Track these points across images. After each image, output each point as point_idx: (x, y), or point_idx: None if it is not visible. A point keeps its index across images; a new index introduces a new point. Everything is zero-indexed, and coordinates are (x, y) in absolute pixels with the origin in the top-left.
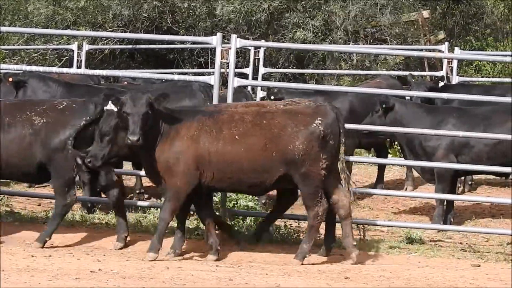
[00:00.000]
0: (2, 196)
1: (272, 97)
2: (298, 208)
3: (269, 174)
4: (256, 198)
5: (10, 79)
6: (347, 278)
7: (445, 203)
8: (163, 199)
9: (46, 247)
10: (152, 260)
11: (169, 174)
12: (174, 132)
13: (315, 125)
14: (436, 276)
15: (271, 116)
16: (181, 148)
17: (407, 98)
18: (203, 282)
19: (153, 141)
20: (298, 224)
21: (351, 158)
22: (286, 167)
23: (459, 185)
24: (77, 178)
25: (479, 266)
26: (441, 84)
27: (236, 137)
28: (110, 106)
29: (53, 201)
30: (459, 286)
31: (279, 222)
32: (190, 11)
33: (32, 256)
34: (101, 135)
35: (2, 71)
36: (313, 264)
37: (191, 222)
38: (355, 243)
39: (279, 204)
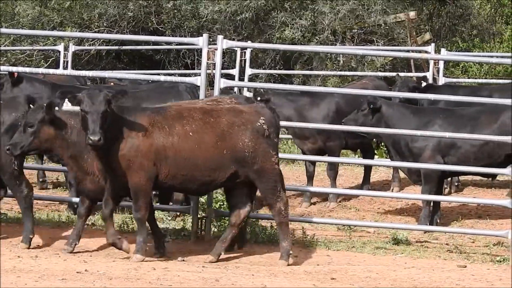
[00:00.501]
0: None
1: (259, 98)
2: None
3: (220, 172)
4: None
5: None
6: (333, 279)
7: (432, 204)
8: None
9: (33, 248)
10: (139, 262)
11: (131, 172)
12: (127, 129)
13: (259, 123)
14: (422, 277)
15: (217, 114)
16: (138, 145)
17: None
18: (189, 282)
19: (110, 139)
20: None
21: (338, 159)
22: (237, 164)
23: (446, 186)
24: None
25: (465, 267)
26: (423, 84)
27: (190, 133)
28: (67, 104)
29: (40, 201)
30: (446, 287)
31: (265, 223)
32: (175, 11)
33: (19, 257)
34: (25, 125)
35: None
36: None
37: (177, 223)
38: (223, 252)
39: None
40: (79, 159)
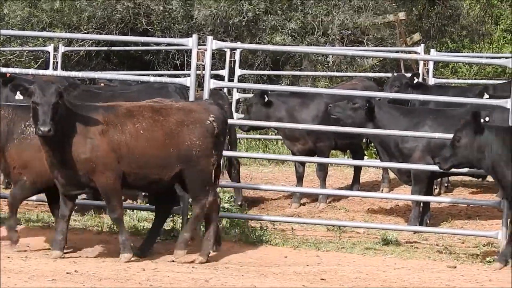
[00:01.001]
0: None
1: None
2: (274, 209)
3: (168, 171)
4: (232, 199)
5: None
6: (323, 279)
7: (422, 204)
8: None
9: (22, 250)
10: (128, 261)
11: (96, 174)
12: (84, 129)
13: (209, 122)
14: (412, 277)
15: (166, 112)
16: (98, 144)
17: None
18: (179, 283)
19: (65, 137)
20: (274, 225)
21: (327, 160)
22: (182, 163)
23: (435, 187)
24: None
25: (455, 267)
26: (416, 80)
27: (141, 131)
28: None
29: (29, 202)
30: None
31: (254, 223)
32: (166, 13)
33: (8, 257)
34: None
35: None
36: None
37: (167, 223)
38: (211, 251)
39: (157, 217)
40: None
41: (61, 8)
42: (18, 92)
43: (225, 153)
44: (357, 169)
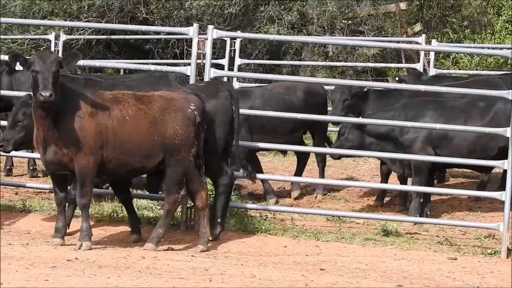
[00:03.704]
0: None
1: None
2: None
3: (150, 159)
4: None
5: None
6: (322, 269)
7: (422, 195)
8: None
9: (24, 236)
10: (88, 249)
11: (79, 154)
12: (74, 108)
13: (190, 110)
14: (412, 268)
15: (149, 100)
16: (87, 126)
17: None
18: (178, 272)
19: (57, 111)
20: (274, 215)
21: (325, 150)
22: (165, 152)
23: None
24: None
25: (455, 259)
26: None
27: (127, 118)
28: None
29: (30, 190)
30: (436, 279)
31: (254, 213)
32: (164, 1)
33: (10, 244)
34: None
35: None
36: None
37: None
38: (210, 238)
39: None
40: None
41: None
42: (17, 63)
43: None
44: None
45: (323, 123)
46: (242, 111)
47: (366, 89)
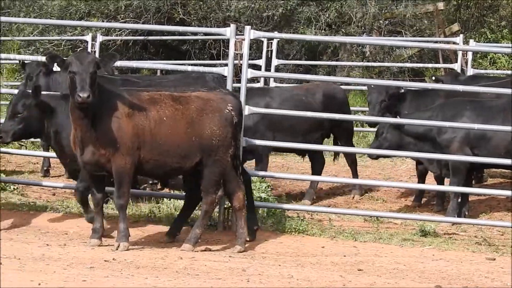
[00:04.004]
0: (17, 185)
1: None
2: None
3: (188, 159)
4: (269, 189)
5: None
6: (360, 270)
7: (460, 196)
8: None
9: (62, 237)
10: (125, 250)
11: (117, 155)
12: (112, 109)
13: (227, 111)
14: (450, 269)
15: (186, 100)
16: (124, 126)
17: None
18: (216, 272)
19: (94, 111)
20: (311, 215)
21: (364, 151)
22: (202, 152)
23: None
24: None
25: (494, 259)
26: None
27: (164, 118)
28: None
29: (67, 190)
30: (474, 280)
31: (291, 213)
32: (201, 2)
33: (47, 245)
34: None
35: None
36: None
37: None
38: (248, 238)
39: (189, 201)
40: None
41: None
42: (55, 64)
43: (261, 142)
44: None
45: (348, 127)
46: (255, 109)
47: (403, 90)
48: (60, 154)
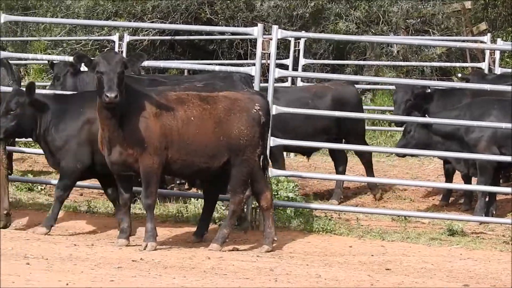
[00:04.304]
0: (44, 186)
1: None
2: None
3: (216, 159)
4: (297, 189)
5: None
6: (388, 269)
7: (487, 195)
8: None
9: (89, 237)
10: (153, 250)
11: (144, 154)
12: (139, 109)
13: (255, 111)
14: (478, 268)
15: (214, 100)
16: (152, 126)
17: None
18: (244, 272)
19: (122, 111)
20: (339, 215)
21: (392, 150)
22: (230, 152)
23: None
24: None
25: None
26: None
27: (192, 118)
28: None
29: (95, 190)
30: (502, 279)
31: (319, 213)
32: (229, 2)
33: (75, 245)
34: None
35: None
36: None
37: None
38: (275, 238)
39: (208, 199)
40: None
41: None
42: (82, 64)
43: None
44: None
45: (358, 133)
46: (282, 108)
47: (429, 90)
48: (47, 155)
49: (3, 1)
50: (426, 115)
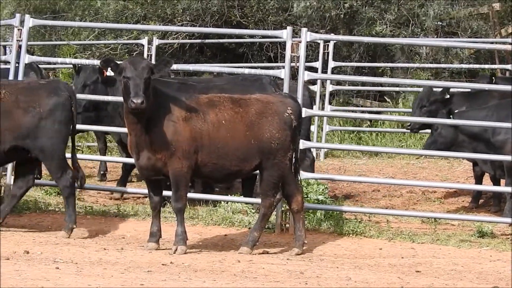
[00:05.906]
0: None
1: None
2: (368, 201)
3: (247, 162)
4: (327, 191)
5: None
6: (418, 271)
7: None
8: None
9: (119, 241)
10: (183, 253)
11: (173, 158)
12: (168, 112)
13: (287, 114)
14: (508, 270)
15: (246, 103)
16: (181, 130)
17: None
18: (274, 275)
19: (150, 116)
20: (369, 217)
21: (419, 152)
22: (262, 155)
23: None
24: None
25: None
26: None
27: (223, 122)
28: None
29: (125, 195)
30: None
31: (349, 215)
32: (260, 5)
33: (104, 249)
34: None
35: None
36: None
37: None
38: (305, 241)
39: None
40: None
41: (155, 1)
42: (109, 69)
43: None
44: None
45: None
46: (311, 111)
47: (448, 96)
48: None
49: (32, 4)
50: (451, 116)
